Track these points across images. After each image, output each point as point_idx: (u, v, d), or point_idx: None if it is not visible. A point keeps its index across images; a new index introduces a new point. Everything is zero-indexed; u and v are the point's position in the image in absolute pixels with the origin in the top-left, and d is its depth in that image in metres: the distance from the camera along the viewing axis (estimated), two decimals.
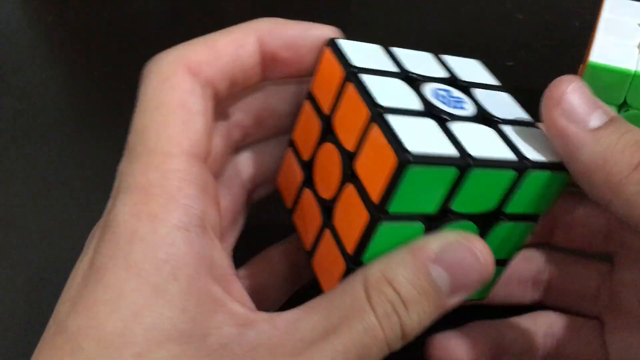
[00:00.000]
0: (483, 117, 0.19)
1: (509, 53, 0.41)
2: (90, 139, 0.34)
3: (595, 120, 0.17)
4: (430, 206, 0.17)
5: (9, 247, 0.29)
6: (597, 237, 0.22)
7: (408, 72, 0.19)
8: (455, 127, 0.17)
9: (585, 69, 0.28)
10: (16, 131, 0.35)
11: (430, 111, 0.18)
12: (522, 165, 0.17)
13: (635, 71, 0.27)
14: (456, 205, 0.17)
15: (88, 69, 0.39)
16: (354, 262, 0.17)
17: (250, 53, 0.19)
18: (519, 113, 0.20)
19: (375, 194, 0.16)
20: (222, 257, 0.17)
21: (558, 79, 0.18)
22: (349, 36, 0.20)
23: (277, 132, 0.22)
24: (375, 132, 0.16)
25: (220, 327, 0.16)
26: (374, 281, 0.16)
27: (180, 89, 0.17)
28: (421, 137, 0.16)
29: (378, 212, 0.16)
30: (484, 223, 0.18)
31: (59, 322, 0.16)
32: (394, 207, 0.16)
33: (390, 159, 0.15)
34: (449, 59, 0.21)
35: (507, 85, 0.38)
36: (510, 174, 0.17)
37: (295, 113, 0.21)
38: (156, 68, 0.18)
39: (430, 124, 0.17)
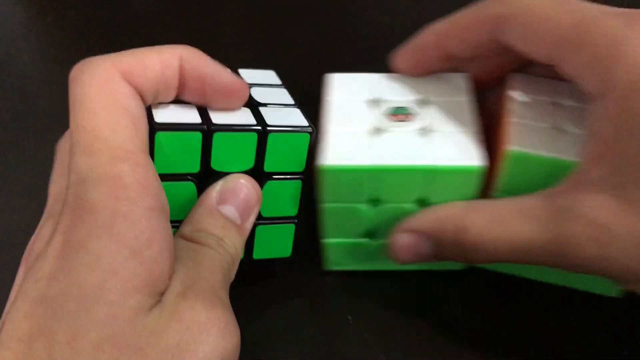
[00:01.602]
0: (249, 103, 0.23)
1: None
2: None
3: None
4: (192, 165, 0.21)
5: (9, 247, 0.29)
6: None
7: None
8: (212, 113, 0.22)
9: (505, 158, 0.23)
10: (16, 131, 0.35)
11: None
12: (262, 128, 0.21)
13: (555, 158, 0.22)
14: (216, 165, 0.22)
15: None
16: None
17: (174, 74, 0.21)
18: (286, 100, 0.24)
19: None
20: (173, 240, 0.20)
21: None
22: (345, 35, 0.20)
23: None
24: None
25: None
26: (191, 234, 0.21)
27: (120, 93, 0.19)
28: (174, 115, 0.21)
29: None
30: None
31: (35, 297, 0.17)
32: (160, 168, 0.20)
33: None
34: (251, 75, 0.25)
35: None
36: (252, 135, 0.21)
37: None
38: (90, 71, 0.20)
39: (190, 109, 0.22)
